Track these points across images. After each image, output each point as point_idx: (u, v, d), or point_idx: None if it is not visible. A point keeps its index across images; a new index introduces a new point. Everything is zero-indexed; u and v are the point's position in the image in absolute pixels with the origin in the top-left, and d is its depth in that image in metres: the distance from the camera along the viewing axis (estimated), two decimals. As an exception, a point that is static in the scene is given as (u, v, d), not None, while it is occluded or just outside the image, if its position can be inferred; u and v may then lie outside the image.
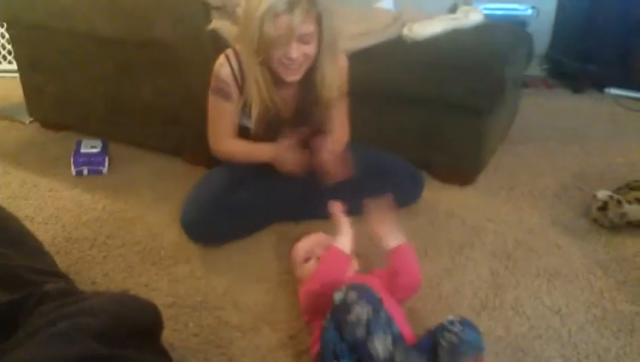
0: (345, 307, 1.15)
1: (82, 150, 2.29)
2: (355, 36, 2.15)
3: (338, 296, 1.18)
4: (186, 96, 2.16)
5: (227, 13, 2.10)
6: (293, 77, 1.67)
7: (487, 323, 1.47)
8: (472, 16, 2.36)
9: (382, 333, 1.13)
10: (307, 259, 1.53)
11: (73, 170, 2.23)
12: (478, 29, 2.32)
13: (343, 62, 1.83)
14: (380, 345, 1.12)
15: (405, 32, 2.19)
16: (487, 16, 2.46)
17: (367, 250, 1.57)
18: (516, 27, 2.80)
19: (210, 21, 2.03)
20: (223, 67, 1.74)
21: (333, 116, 1.87)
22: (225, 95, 1.76)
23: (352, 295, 1.16)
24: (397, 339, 1.16)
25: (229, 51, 1.76)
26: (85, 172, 2.25)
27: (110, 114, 2.44)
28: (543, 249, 1.80)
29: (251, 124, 1.78)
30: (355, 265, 1.52)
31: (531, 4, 3.25)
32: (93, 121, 2.51)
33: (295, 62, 1.61)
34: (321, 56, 1.67)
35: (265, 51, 1.59)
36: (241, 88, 1.75)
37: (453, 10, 2.94)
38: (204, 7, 2.04)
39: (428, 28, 2.19)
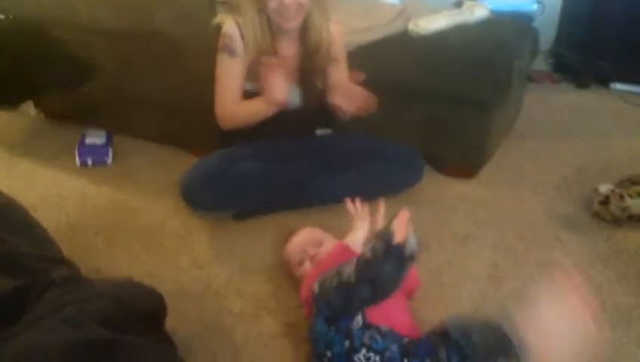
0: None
1: (87, 141, 2.31)
2: (360, 30, 2.15)
3: (316, 286, 1.20)
4: (190, 88, 2.17)
5: (232, 7, 2.10)
6: (290, 24, 1.76)
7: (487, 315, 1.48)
8: (477, 11, 2.35)
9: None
10: (301, 261, 1.51)
11: (78, 161, 2.25)
12: (483, 24, 2.32)
13: (335, 29, 1.91)
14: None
15: (410, 26, 2.18)
16: (492, 10, 2.45)
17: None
18: (521, 22, 2.78)
19: (215, 15, 2.04)
20: (229, 25, 1.84)
21: (332, 79, 1.94)
22: (231, 51, 1.83)
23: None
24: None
25: (236, 17, 1.85)
26: (90, 163, 2.26)
27: (115, 106, 2.45)
28: (545, 242, 1.81)
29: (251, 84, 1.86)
30: None
31: (537, -2, 3.24)
32: (98, 112, 2.53)
33: (289, 10, 1.71)
34: (313, 9, 1.79)
35: (262, 1, 1.72)
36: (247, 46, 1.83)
37: (458, 4, 2.92)
38: (210, 1, 2.06)
39: (433, 22, 2.19)
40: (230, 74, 1.86)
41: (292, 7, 1.70)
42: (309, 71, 1.90)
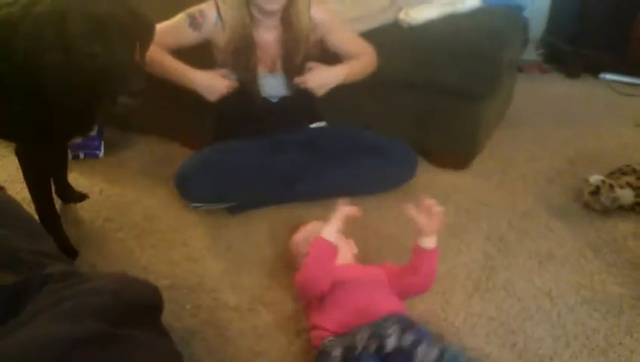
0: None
1: (79, 134, 2.29)
2: (351, 20, 2.15)
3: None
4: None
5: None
6: (272, 6, 1.79)
7: (480, 304, 1.50)
8: (468, 1, 2.36)
9: None
10: (306, 253, 1.49)
11: (70, 155, 2.23)
12: (474, 14, 2.32)
13: (318, 14, 1.93)
14: None
15: (401, 16, 2.19)
16: (483, 0, 2.45)
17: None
18: (512, 12, 2.79)
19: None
20: (208, 5, 1.87)
21: (335, 43, 1.99)
22: (194, 24, 1.85)
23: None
24: None
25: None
26: (82, 156, 2.25)
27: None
28: (536, 232, 1.83)
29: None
30: (352, 247, 1.54)
31: (527, -12, 3.25)
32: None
33: None
34: None
35: None
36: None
37: (449, -6, 2.93)
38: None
39: (424, 13, 2.20)
40: (177, 30, 1.86)
41: None
42: (292, 57, 1.91)
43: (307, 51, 1.93)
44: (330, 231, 1.38)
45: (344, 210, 1.40)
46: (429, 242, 1.38)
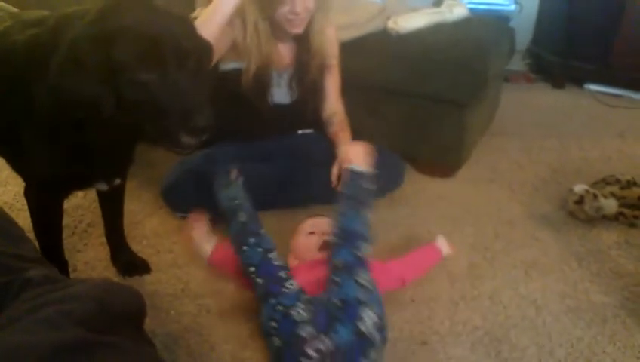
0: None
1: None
2: (341, 27, 2.15)
3: None
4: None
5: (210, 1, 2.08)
6: (298, 29, 1.76)
7: (465, 313, 1.51)
8: (456, 11, 2.38)
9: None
10: (312, 233, 1.57)
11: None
12: (461, 24, 2.34)
13: (331, 31, 1.92)
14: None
15: (390, 25, 2.20)
16: (470, 10, 2.48)
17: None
18: (499, 22, 2.83)
19: (193, 10, 2.02)
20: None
21: (327, 85, 1.97)
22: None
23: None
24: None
25: None
26: (66, 159, 2.22)
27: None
28: (521, 241, 1.83)
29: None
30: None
31: (514, -1, 3.29)
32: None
33: (299, 17, 1.71)
34: (316, 13, 1.77)
35: (272, 8, 1.69)
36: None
37: (437, 3, 2.95)
38: (187, -4, 2.03)
39: (412, 21, 2.21)
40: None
41: (302, 14, 1.71)
42: (302, 72, 1.90)
43: (318, 68, 1.91)
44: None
45: None
46: (441, 244, 1.61)
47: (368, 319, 1.20)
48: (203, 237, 1.56)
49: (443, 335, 1.43)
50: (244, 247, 1.39)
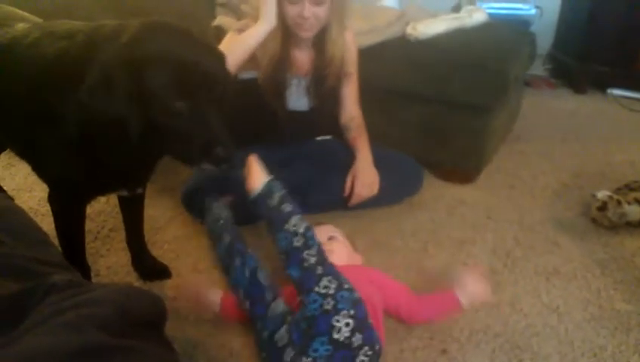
0: None
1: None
2: (359, 34, 2.16)
3: None
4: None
5: (231, 9, 2.11)
6: (306, 34, 1.79)
7: (485, 320, 1.49)
8: (475, 16, 2.37)
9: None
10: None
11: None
12: (481, 29, 2.33)
13: (350, 37, 1.93)
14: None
15: (409, 30, 2.20)
16: (490, 15, 2.46)
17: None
18: (519, 27, 2.81)
19: (214, 17, 2.05)
20: (250, 19, 1.82)
21: (345, 93, 1.98)
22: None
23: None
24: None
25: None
26: (89, 165, 2.25)
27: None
28: (542, 247, 1.81)
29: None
30: (350, 251, 1.59)
31: (535, 3, 3.25)
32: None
33: (307, 22, 1.74)
34: (331, 22, 1.80)
35: (282, 6, 1.73)
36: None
37: (456, 9, 2.94)
38: (209, 3, 2.06)
39: (431, 27, 2.20)
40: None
41: (310, 19, 1.74)
42: (320, 79, 1.91)
43: (336, 75, 1.92)
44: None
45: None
46: (462, 294, 1.41)
47: (342, 325, 1.17)
48: (206, 290, 1.50)
49: (463, 344, 1.42)
50: (231, 270, 1.44)
